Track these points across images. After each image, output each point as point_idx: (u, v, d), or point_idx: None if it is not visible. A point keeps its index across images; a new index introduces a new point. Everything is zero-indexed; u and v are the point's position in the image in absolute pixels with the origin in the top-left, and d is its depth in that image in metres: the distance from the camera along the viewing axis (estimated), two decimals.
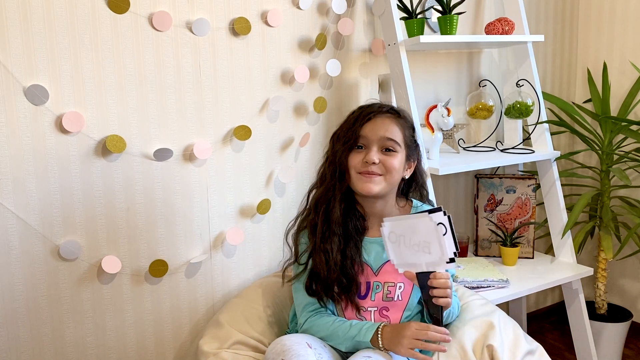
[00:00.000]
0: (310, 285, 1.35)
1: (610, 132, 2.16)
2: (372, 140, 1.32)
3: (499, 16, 2.07)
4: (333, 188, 1.35)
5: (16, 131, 1.43)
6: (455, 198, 2.23)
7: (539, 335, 2.45)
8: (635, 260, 2.39)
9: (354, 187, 1.35)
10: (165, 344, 1.70)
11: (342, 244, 1.34)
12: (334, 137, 1.40)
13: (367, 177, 1.32)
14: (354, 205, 1.39)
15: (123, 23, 1.52)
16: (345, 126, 1.37)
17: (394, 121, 1.35)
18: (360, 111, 1.37)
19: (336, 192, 1.35)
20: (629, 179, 1.89)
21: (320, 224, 1.35)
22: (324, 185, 1.37)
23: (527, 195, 2.12)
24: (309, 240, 1.37)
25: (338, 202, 1.34)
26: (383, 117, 1.35)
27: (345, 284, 1.32)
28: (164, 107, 1.60)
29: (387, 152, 1.33)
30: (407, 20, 1.83)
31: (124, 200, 1.58)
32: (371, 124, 1.33)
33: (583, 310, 2.04)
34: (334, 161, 1.36)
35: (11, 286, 1.48)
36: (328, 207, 1.35)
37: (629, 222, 2.24)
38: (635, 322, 2.38)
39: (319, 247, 1.34)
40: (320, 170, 1.42)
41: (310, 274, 1.35)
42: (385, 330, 1.26)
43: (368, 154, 1.31)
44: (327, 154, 1.41)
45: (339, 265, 1.32)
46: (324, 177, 1.39)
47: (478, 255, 2.16)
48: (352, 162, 1.33)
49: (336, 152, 1.36)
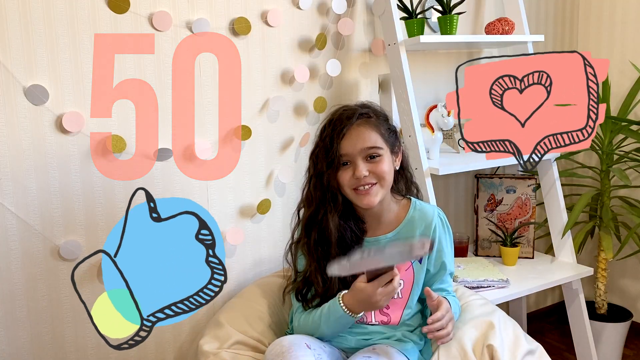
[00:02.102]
0: (301, 290, 1.35)
1: (610, 132, 2.16)
2: (354, 154, 1.30)
3: (499, 16, 2.07)
4: (324, 212, 1.33)
5: (16, 131, 1.43)
6: (455, 198, 2.23)
7: (539, 335, 2.45)
8: (635, 260, 2.39)
9: (353, 202, 1.34)
10: (165, 344, 1.70)
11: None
12: (314, 157, 1.36)
13: (363, 193, 1.30)
14: (351, 211, 1.38)
15: (123, 23, 1.52)
16: (322, 145, 1.34)
17: (367, 127, 1.32)
18: (333, 128, 1.32)
19: (329, 215, 1.33)
20: (629, 179, 1.89)
21: (313, 247, 1.34)
22: (313, 207, 1.35)
23: (527, 195, 2.12)
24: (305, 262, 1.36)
25: (334, 225, 1.33)
26: (357, 127, 1.31)
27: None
28: (164, 107, 1.60)
29: (372, 160, 1.31)
30: (407, 20, 1.83)
31: (124, 200, 1.58)
32: (348, 139, 1.30)
33: (583, 310, 2.04)
34: (321, 184, 1.33)
35: (11, 286, 1.48)
36: (321, 228, 1.33)
37: (629, 222, 2.24)
38: (635, 322, 2.38)
39: (315, 269, 1.32)
40: (304, 191, 1.39)
41: (305, 282, 1.35)
42: (345, 298, 1.25)
43: (356, 169, 1.29)
44: (309, 173, 1.38)
45: (338, 286, 1.31)
46: (311, 199, 1.36)
47: (478, 255, 2.16)
48: (343, 180, 1.32)
49: (321, 174, 1.33)
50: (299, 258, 1.39)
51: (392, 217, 1.41)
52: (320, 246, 1.33)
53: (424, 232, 1.39)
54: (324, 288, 1.31)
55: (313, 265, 1.33)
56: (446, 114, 1.81)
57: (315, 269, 1.33)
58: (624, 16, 2.32)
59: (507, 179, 2.13)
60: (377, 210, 1.38)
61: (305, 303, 1.35)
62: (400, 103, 1.78)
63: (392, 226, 1.40)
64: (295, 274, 1.39)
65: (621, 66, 2.34)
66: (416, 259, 1.36)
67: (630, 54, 2.31)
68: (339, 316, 1.25)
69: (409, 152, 1.77)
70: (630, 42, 2.31)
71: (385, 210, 1.39)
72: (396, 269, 1.20)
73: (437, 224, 1.40)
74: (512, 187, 2.12)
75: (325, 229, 1.33)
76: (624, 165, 2.23)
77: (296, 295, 1.37)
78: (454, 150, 2.02)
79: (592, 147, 2.18)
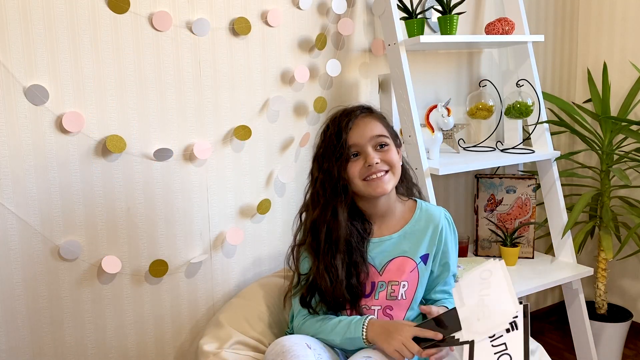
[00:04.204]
0: (305, 297, 1.35)
1: (610, 132, 2.16)
2: (364, 144, 1.31)
3: (499, 16, 2.06)
4: (334, 207, 1.32)
5: (16, 131, 1.43)
6: (455, 198, 2.23)
7: (539, 335, 2.45)
8: (635, 260, 2.39)
9: (364, 193, 1.33)
10: (165, 344, 1.70)
11: (346, 260, 1.32)
12: (319, 158, 1.36)
13: (374, 180, 1.30)
14: (357, 211, 1.38)
15: (123, 23, 1.52)
16: (328, 143, 1.34)
17: (373, 118, 1.35)
18: (337, 123, 1.33)
19: (339, 209, 1.32)
20: (629, 179, 1.89)
21: (322, 246, 1.32)
22: (320, 207, 1.34)
23: (527, 195, 2.12)
24: (311, 263, 1.36)
25: (344, 218, 1.32)
26: (363, 119, 1.33)
27: (349, 299, 1.32)
28: (164, 107, 1.60)
29: (382, 149, 1.33)
30: (407, 20, 1.83)
31: (124, 200, 1.58)
32: (356, 130, 1.31)
33: (583, 310, 2.04)
34: (329, 180, 1.33)
35: (11, 286, 1.48)
36: (329, 227, 1.32)
37: (629, 222, 2.24)
38: (635, 322, 2.38)
39: (323, 270, 1.31)
40: (308, 193, 1.39)
41: (310, 288, 1.34)
42: (372, 326, 1.25)
43: (367, 157, 1.30)
44: (313, 176, 1.38)
45: (345, 284, 1.31)
46: (316, 199, 1.35)
47: (478, 255, 2.16)
48: (353, 172, 1.32)
49: (329, 170, 1.33)
50: (302, 261, 1.39)
51: (398, 217, 1.41)
52: (328, 243, 1.32)
53: (431, 234, 1.39)
54: (331, 286, 1.30)
55: (321, 265, 1.32)
56: (446, 114, 1.81)
57: (323, 268, 1.31)
58: (624, 16, 2.32)
59: (507, 179, 2.13)
60: (384, 209, 1.38)
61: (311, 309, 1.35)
62: (400, 103, 1.78)
63: (397, 227, 1.40)
64: (299, 277, 1.38)
65: (621, 66, 2.34)
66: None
67: (630, 54, 2.31)
68: (355, 337, 1.26)
69: (409, 152, 1.77)
70: (630, 42, 2.31)
71: (391, 209, 1.39)
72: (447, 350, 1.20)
73: (444, 225, 1.40)
74: (512, 187, 2.12)
75: (334, 226, 1.32)
76: (624, 165, 2.23)
77: (300, 301, 1.36)
78: (454, 150, 2.02)
79: (592, 147, 2.18)
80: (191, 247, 1.70)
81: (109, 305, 1.61)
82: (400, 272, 1.36)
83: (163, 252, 1.65)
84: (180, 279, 1.70)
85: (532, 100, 1.99)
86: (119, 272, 1.59)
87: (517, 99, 2.00)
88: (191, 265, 1.70)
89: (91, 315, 1.59)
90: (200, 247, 1.71)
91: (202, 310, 1.74)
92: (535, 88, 2.00)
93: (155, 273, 1.64)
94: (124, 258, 1.60)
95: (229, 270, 1.77)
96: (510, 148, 2.03)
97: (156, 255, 1.64)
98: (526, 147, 2.04)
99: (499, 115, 2.15)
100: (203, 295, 1.74)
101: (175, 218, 1.66)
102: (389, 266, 1.37)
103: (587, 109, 2.26)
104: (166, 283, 1.67)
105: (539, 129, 2.03)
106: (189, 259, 1.69)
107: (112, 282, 1.60)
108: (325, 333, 1.30)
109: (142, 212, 1.61)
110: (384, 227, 1.40)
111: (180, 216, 1.67)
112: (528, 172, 2.24)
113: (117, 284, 1.61)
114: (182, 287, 1.70)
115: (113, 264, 1.56)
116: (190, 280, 1.71)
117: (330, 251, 1.32)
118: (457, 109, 2.14)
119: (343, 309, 1.34)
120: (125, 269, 1.61)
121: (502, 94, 2.14)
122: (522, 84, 2.02)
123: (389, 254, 1.37)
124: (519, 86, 2.03)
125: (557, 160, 2.06)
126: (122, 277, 1.61)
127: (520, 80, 2.03)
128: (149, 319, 1.67)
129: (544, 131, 2.03)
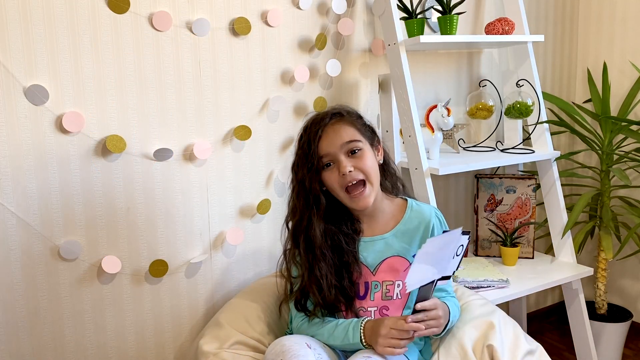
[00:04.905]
0: (299, 300, 1.35)
1: (610, 132, 2.16)
2: (335, 152, 1.30)
3: (499, 16, 2.07)
4: (308, 216, 1.33)
5: (16, 131, 1.43)
6: (455, 198, 2.23)
7: (539, 335, 2.45)
8: (635, 260, 2.39)
9: (348, 205, 1.34)
10: (165, 344, 1.70)
11: (335, 263, 1.32)
12: (295, 167, 1.37)
13: (356, 196, 1.31)
14: (345, 211, 1.38)
15: (123, 23, 1.52)
16: (300, 153, 1.34)
17: (343, 123, 1.33)
18: (308, 133, 1.34)
19: (313, 219, 1.33)
20: (629, 179, 1.89)
21: (303, 255, 1.33)
22: (298, 216, 1.36)
23: (527, 195, 2.12)
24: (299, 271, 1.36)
25: (318, 228, 1.32)
26: (332, 126, 1.32)
27: (343, 301, 1.33)
28: (164, 107, 1.60)
29: (354, 155, 1.31)
30: (407, 20, 1.83)
31: (124, 200, 1.58)
32: (325, 139, 1.31)
33: (583, 310, 2.04)
34: (304, 189, 1.34)
35: (11, 286, 1.48)
36: (307, 235, 1.33)
37: (629, 222, 2.24)
38: (635, 322, 2.38)
39: (309, 278, 1.32)
40: (290, 202, 1.40)
41: (302, 293, 1.34)
42: (366, 327, 1.26)
43: (339, 166, 1.30)
44: (292, 185, 1.39)
45: (337, 287, 1.31)
46: (295, 208, 1.37)
47: (478, 255, 2.16)
48: (331, 181, 1.32)
49: (302, 180, 1.33)
50: (292, 268, 1.39)
51: (388, 216, 1.41)
52: (311, 252, 1.32)
53: (423, 233, 1.39)
54: (320, 296, 1.31)
55: (305, 275, 1.33)
56: (446, 114, 1.81)
57: (308, 279, 1.32)
58: (624, 16, 2.32)
59: (507, 179, 2.13)
60: (372, 210, 1.38)
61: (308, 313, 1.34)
62: (400, 103, 1.78)
63: (389, 226, 1.40)
64: (291, 283, 1.39)
65: (621, 66, 2.34)
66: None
67: (630, 54, 2.31)
68: (355, 343, 1.26)
69: (409, 152, 1.77)
70: (630, 42, 2.31)
71: (379, 209, 1.39)
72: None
73: (435, 223, 1.40)
74: (512, 187, 2.12)
75: (311, 235, 1.33)
76: (624, 165, 2.23)
77: (295, 306, 1.36)
78: (454, 150, 2.02)
79: (592, 147, 2.18)
80: (191, 247, 1.70)
81: (109, 305, 1.61)
82: (394, 272, 1.36)
83: (163, 252, 1.65)
84: (180, 279, 1.70)
85: (532, 100, 1.99)
86: (119, 272, 1.59)
87: (517, 99, 2.00)
88: (191, 265, 1.70)
89: (91, 315, 1.59)
90: (200, 247, 1.71)
91: (202, 310, 1.74)
92: (535, 88, 2.00)
93: (155, 273, 1.64)
94: (124, 258, 1.60)
95: (229, 270, 1.77)
96: (510, 148, 2.03)
97: (156, 255, 1.64)
98: (526, 147, 2.04)
99: (499, 115, 2.15)
100: (203, 295, 1.74)
101: (175, 218, 1.66)
102: (382, 266, 1.37)
103: (587, 109, 2.26)
104: (166, 283, 1.68)
105: (539, 129, 2.03)
106: (189, 259, 1.69)
107: (112, 282, 1.60)
108: (323, 337, 1.31)
109: (142, 212, 1.61)
110: (375, 226, 1.40)
111: (180, 216, 1.67)
112: (528, 172, 2.24)
113: (117, 284, 1.61)
114: (182, 287, 1.70)
115: (113, 264, 1.56)
116: (190, 280, 1.71)
117: (314, 261, 1.32)
118: (457, 109, 2.14)
119: (338, 310, 1.34)
120: (125, 269, 1.61)
121: (502, 94, 2.14)
122: (522, 84, 2.02)
123: (382, 254, 1.38)
124: (519, 86, 2.03)
125: (557, 160, 2.06)
126: (122, 277, 1.61)
127: (520, 80, 2.03)
128: (149, 319, 1.67)
129: (544, 131, 2.03)
